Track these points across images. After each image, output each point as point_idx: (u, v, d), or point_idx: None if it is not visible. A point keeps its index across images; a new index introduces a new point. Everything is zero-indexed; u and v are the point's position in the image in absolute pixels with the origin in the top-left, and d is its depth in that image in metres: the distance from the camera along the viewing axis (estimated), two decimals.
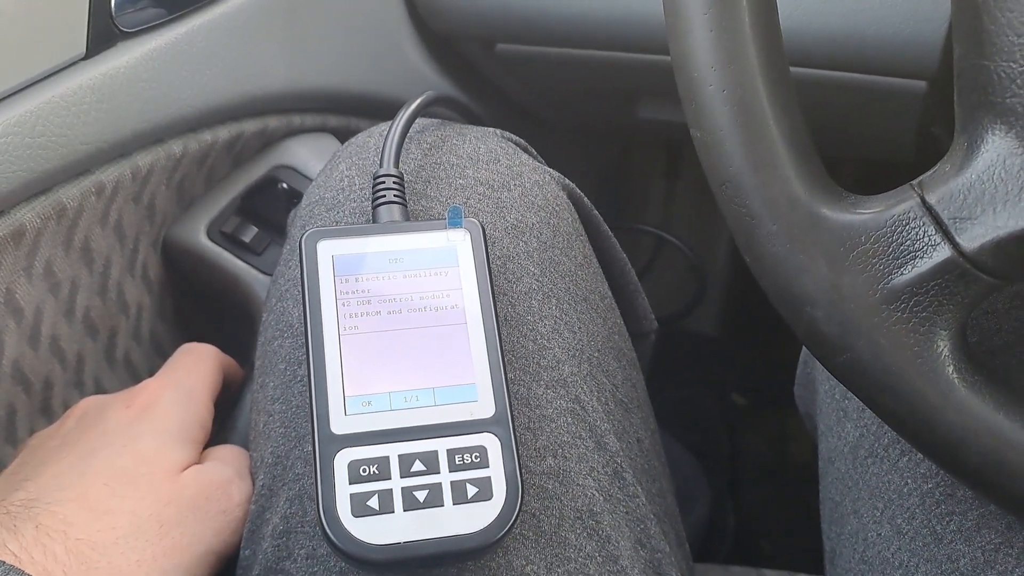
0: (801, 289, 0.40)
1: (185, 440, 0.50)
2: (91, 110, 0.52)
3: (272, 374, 0.51)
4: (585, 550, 0.47)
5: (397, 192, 0.49)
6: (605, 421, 0.51)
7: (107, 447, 0.48)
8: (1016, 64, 0.35)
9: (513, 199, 0.53)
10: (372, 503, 0.42)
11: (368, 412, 0.44)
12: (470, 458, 0.43)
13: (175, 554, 0.45)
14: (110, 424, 0.50)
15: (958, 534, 0.46)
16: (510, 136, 0.58)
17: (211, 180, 0.65)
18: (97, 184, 0.54)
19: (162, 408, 0.50)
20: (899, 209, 0.38)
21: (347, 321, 0.45)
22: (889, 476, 0.49)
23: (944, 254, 0.37)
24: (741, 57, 0.40)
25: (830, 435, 0.55)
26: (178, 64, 0.57)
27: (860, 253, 0.39)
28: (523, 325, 0.50)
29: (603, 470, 0.50)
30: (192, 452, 0.50)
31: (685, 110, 0.42)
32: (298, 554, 0.46)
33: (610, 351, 0.54)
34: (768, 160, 0.40)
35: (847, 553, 0.52)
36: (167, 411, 0.50)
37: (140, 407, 0.50)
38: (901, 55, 0.65)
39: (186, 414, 0.51)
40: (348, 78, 0.72)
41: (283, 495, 0.48)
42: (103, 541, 0.44)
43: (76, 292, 0.57)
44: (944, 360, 0.38)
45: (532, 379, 0.49)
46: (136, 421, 0.50)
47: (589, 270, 0.55)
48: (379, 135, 0.55)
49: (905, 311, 0.38)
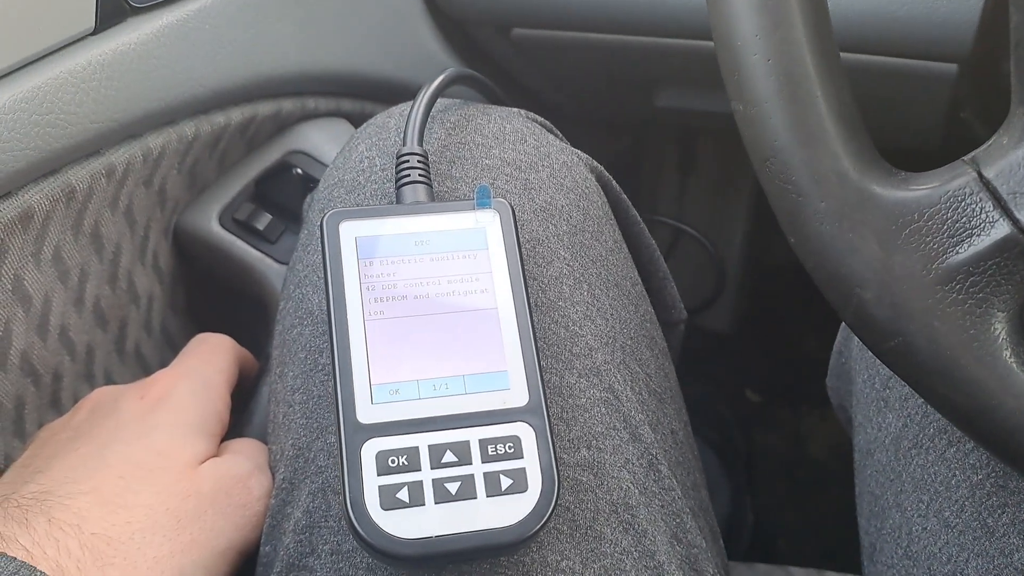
0: (850, 270, 0.38)
1: (202, 432, 0.48)
2: (100, 87, 0.50)
3: (292, 363, 0.49)
4: (621, 545, 0.45)
5: (422, 171, 0.47)
6: (639, 411, 0.49)
7: (121, 440, 0.46)
8: None
9: (542, 180, 0.51)
10: (402, 495, 0.40)
11: (396, 401, 0.42)
12: (504, 448, 0.41)
13: (193, 550, 0.44)
14: (124, 416, 0.48)
15: (1011, 527, 0.44)
16: (535, 116, 0.56)
17: (223, 165, 0.63)
18: (107, 166, 0.52)
19: (177, 399, 0.49)
20: (955, 184, 0.37)
21: (372, 306, 0.43)
22: (935, 467, 0.48)
23: (1003, 231, 0.35)
24: (786, 24, 0.38)
25: (869, 426, 0.53)
26: (190, 42, 0.55)
27: (913, 231, 0.37)
28: (554, 311, 0.48)
29: (638, 462, 0.48)
30: (209, 445, 0.48)
31: (726, 83, 0.40)
32: (322, 550, 0.44)
33: (643, 339, 0.52)
34: (816, 134, 0.38)
35: (889, 548, 0.51)
36: (182, 402, 0.49)
37: (154, 398, 0.49)
38: (933, 37, 0.63)
39: (202, 406, 0.49)
40: (362, 61, 0.70)
41: (305, 488, 0.46)
42: (118, 536, 0.42)
43: (86, 280, 0.55)
44: (1002, 343, 0.37)
45: (564, 367, 0.47)
46: (150, 413, 0.48)
47: (620, 255, 0.53)
48: (399, 115, 0.53)
49: (961, 292, 0.36)
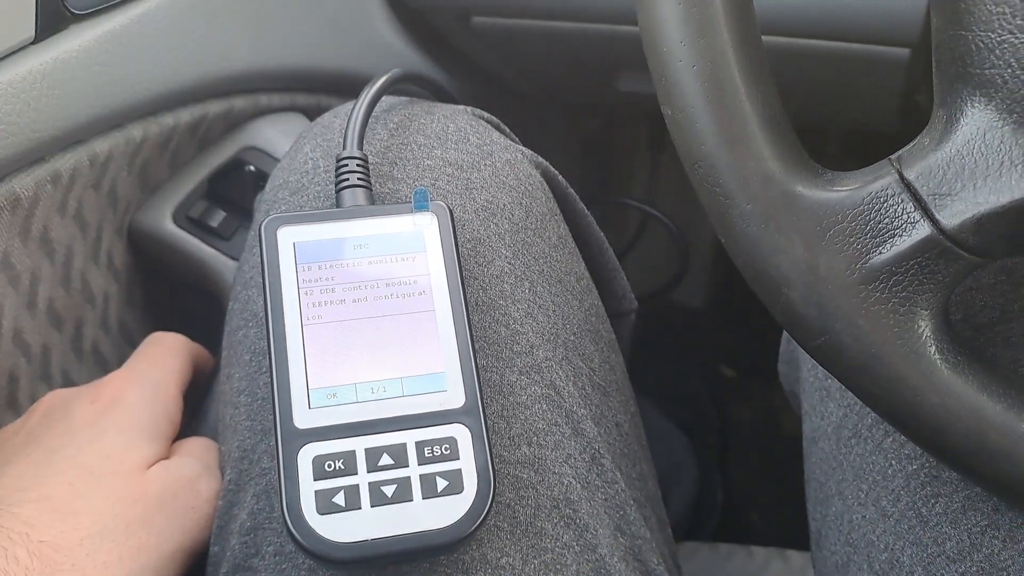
0: (777, 270, 0.38)
1: (152, 436, 0.49)
2: (42, 96, 0.50)
3: (237, 365, 0.50)
4: (562, 539, 0.46)
5: (361, 175, 0.47)
6: (582, 406, 0.50)
7: (71, 444, 0.47)
8: (995, 34, 0.34)
9: (483, 179, 0.51)
10: (338, 500, 0.41)
11: (333, 404, 0.42)
12: (440, 450, 0.42)
13: (142, 555, 0.45)
14: (75, 420, 0.49)
15: (944, 516, 0.45)
16: (481, 114, 0.56)
17: (176, 164, 0.63)
18: (53, 172, 0.53)
19: (127, 403, 0.49)
20: (877, 186, 0.37)
21: (310, 310, 0.44)
22: (873, 457, 0.48)
23: (924, 232, 0.36)
24: (711, 31, 0.38)
25: (813, 414, 0.54)
26: (134, 47, 0.55)
27: (837, 232, 0.38)
28: (495, 310, 0.48)
29: (580, 457, 0.48)
30: (159, 447, 0.49)
31: (656, 87, 0.40)
32: (266, 551, 0.45)
33: (587, 334, 0.53)
34: (741, 137, 0.38)
35: (832, 535, 0.52)
36: (133, 406, 0.49)
37: (105, 402, 0.49)
38: (882, 23, 0.64)
39: (153, 408, 0.50)
40: (317, 55, 0.70)
41: (250, 490, 0.47)
42: (67, 543, 0.43)
43: (37, 284, 0.55)
44: (925, 340, 0.37)
45: (505, 365, 0.48)
46: (101, 417, 0.48)
47: (564, 251, 0.54)
48: (345, 115, 0.53)
49: (884, 291, 0.37)
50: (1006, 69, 0.34)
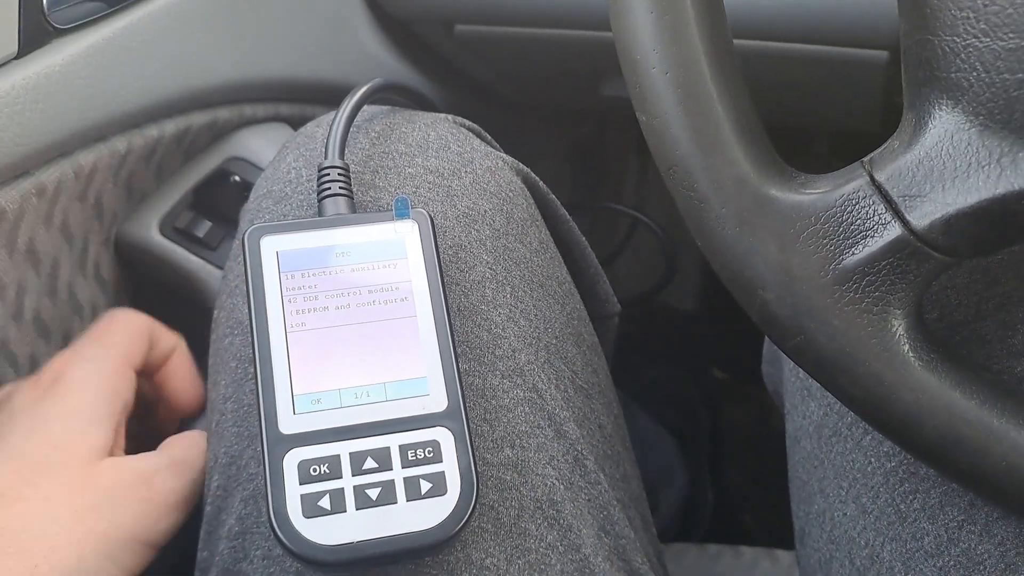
0: (752, 272, 0.39)
1: (99, 420, 0.48)
2: (25, 111, 0.50)
3: (224, 372, 0.50)
4: (546, 540, 0.47)
5: (343, 184, 0.48)
6: (564, 409, 0.50)
7: (14, 433, 0.47)
8: (960, 38, 0.34)
9: (464, 187, 0.52)
10: (323, 503, 0.41)
11: (318, 410, 0.43)
12: (423, 453, 0.43)
13: (91, 539, 0.44)
14: (16, 407, 0.48)
15: (922, 512, 0.46)
16: (462, 121, 0.57)
17: (161, 175, 0.64)
18: (37, 185, 0.53)
19: (69, 384, 0.48)
20: (848, 188, 0.38)
21: (294, 318, 0.44)
22: (853, 455, 0.49)
23: (895, 232, 0.36)
24: (683, 37, 0.39)
25: (795, 414, 0.54)
26: (117, 60, 0.56)
27: (810, 234, 0.38)
28: (476, 315, 0.49)
29: (563, 458, 0.49)
30: (107, 431, 0.48)
31: (630, 94, 0.41)
32: (254, 555, 0.46)
33: (569, 337, 0.54)
34: (714, 142, 0.39)
35: (815, 533, 0.52)
36: (75, 387, 0.48)
37: (46, 384, 0.48)
38: (859, 26, 0.64)
39: (97, 390, 0.48)
40: (300, 66, 0.71)
41: (238, 495, 0.47)
42: (12, 528, 0.43)
43: (23, 295, 0.55)
44: (899, 339, 0.38)
45: (487, 369, 0.48)
46: (41, 402, 0.48)
47: (545, 256, 0.54)
48: (327, 124, 0.54)
49: (858, 291, 0.38)
50: (971, 72, 0.35)
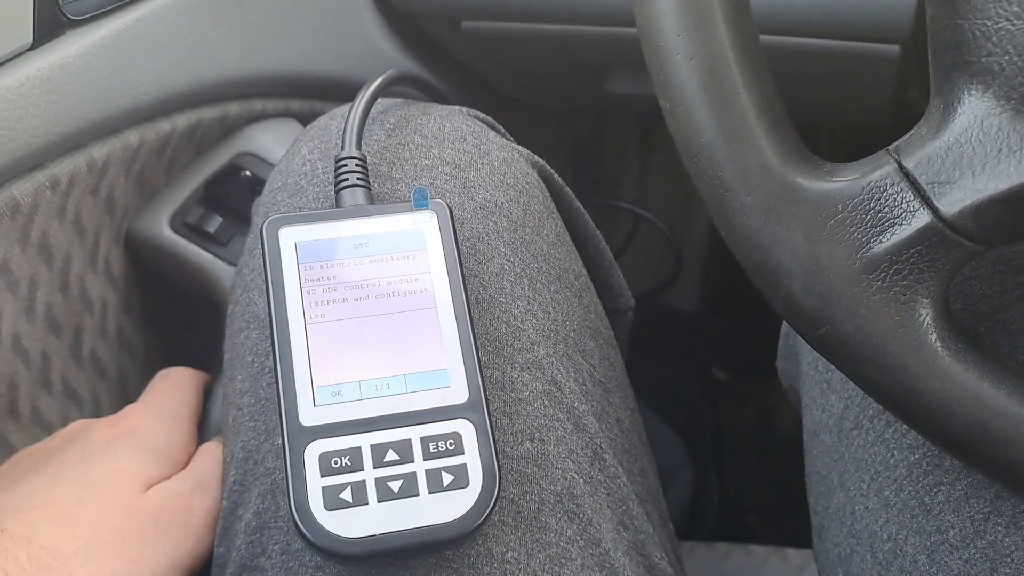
0: (778, 261, 0.39)
1: (162, 459, 0.50)
2: (40, 102, 0.50)
3: (240, 367, 0.50)
4: (567, 534, 0.46)
5: (360, 175, 0.48)
6: (583, 402, 0.50)
7: (83, 461, 0.48)
8: (991, 21, 0.34)
9: (481, 178, 0.51)
10: (345, 495, 0.41)
11: (338, 402, 0.42)
12: (445, 445, 0.42)
13: (133, 567, 0.45)
14: (91, 442, 0.50)
15: (946, 504, 0.45)
16: (477, 114, 0.57)
17: (172, 170, 0.64)
18: (51, 178, 0.53)
19: (143, 431, 0.51)
20: (876, 175, 0.37)
21: (313, 309, 0.44)
22: (875, 448, 0.49)
23: (923, 220, 0.36)
24: (708, 23, 0.39)
25: (814, 408, 0.54)
26: (130, 52, 0.55)
27: (837, 222, 0.38)
28: (495, 307, 0.49)
29: (582, 452, 0.49)
30: (165, 471, 0.49)
31: (653, 81, 0.41)
32: (272, 550, 0.45)
33: (586, 330, 0.53)
34: (740, 130, 0.38)
35: (835, 527, 0.52)
36: (147, 433, 0.50)
37: (123, 429, 0.51)
38: (872, 19, 0.64)
39: (167, 436, 0.51)
40: (309, 61, 0.70)
41: (255, 490, 0.47)
42: (64, 551, 0.43)
43: (36, 290, 0.55)
44: (926, 329, 0.38)
45: (506, 362, 0.48)
46: (115, 439, 0.50)
47: (562, 248, 0.54)
48: (341, 117, 0.54)
49: (885, 280, 0.37)
50: (1003, 56, 0.34)
